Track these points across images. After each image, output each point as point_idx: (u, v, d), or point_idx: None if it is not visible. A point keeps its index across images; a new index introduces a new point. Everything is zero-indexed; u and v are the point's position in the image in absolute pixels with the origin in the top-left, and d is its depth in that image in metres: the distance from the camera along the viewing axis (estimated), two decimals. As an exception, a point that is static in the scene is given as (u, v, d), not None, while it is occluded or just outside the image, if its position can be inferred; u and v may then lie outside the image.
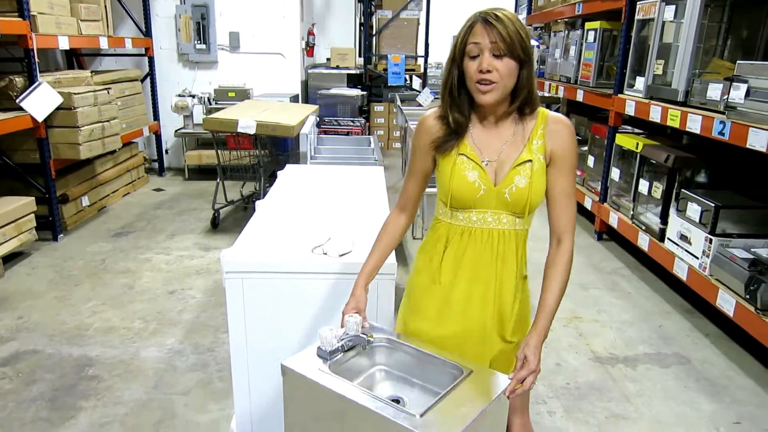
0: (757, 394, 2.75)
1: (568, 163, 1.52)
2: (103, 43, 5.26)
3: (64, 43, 4.58)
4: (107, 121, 4.81)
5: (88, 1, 5.12)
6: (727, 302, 2.98)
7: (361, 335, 1.56)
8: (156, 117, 6.63)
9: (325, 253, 2.15)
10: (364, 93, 7.42)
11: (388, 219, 1.79)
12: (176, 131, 6.41)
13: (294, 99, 6.60)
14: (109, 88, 4.99)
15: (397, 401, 1.41)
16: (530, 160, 1.50)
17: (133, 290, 3.68)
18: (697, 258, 3.28)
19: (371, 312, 2.09)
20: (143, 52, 6.43)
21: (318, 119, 5.34)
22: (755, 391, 2.78)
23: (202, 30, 6.55)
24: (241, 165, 5.07)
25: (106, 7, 5.42)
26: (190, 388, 2.67)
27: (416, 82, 7.91)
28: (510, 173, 1.51)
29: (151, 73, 6.52)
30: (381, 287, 2.09)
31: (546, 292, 1.53)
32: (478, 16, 1.44)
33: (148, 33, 6.38)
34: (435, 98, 6.81)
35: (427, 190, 1.74)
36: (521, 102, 1.50)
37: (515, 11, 11.50)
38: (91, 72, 5.41)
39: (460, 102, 1.53)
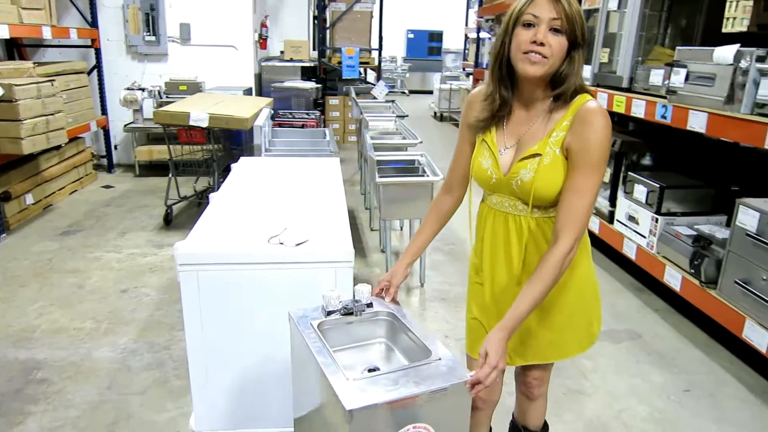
0: (705, 363, 2.87)
1: (583, 159, 1.38)
2: (46, 33, 5.05)
3: (3, 32, 4.37)
4: (51, 114, 4.63)
5: (30, -12, 4.91)
6: (673, 278, 3.09)
7: (361, 302, 1.58)
8: (104, 111, 6.43)
9: (282, 243, 2.13)
10: (319, 86, 7.37)
11: (434, 200, 1.77)
12: (125, 126, 6.22)
13: (247, 92, 6.50)
14: (53, 80, 4.79)
15: (373, 370, 1.47)
16: (539, 154, 1.42)
17: (82, 290, 3.57)
18: (645, 237, 3.39)
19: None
20: (89, 44, 6.20)
21: (272, 112, 5.27)
22: (702, 360, 2.90)
23: (151, 21, 6.37)
24: (194, 160, 4.96)
25: (48, -5, 5.21)
26: (146, 387, 2.61)
27: (371, 75, 7.90)
28: (516, 165, 1.47)
29: (98, 66, 6.30)
30: (339, 275, 2.09)
31: (523, 290, 1.42)
32: None
33: (94, 24, 6.17)
34: (390, 91, 6.83)
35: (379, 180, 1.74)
36: (563, 90, 1.40)
37: (468, 4, 11.60)
38: (34, 63, 5.19)
39: (507, 77, 1.46)
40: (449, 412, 1.31)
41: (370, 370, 1.45)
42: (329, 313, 1.58)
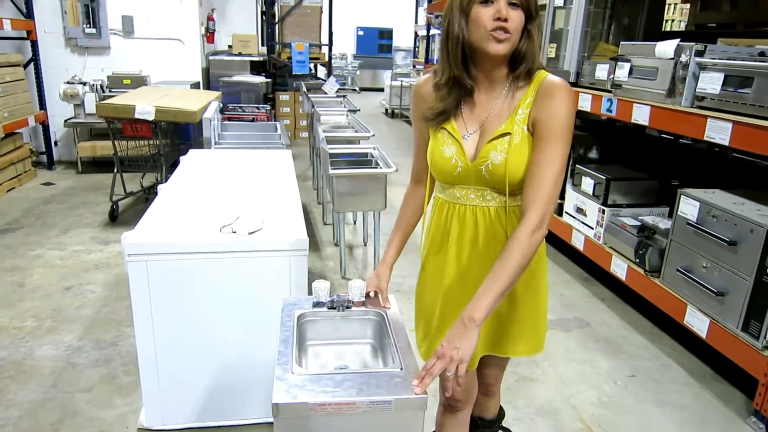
0: (649, 349, 2.98)
1: (548, 129, 1.31)
2: (-23, 24, 4.82)
3: (-70, 23, 4.15)
4: (-15, 108, 4.42)
5: (-43, -23, 4.66)
6: (619, 267, 3.20)
7: (346, 298, 1.54)
8: (42, 106, 6.16)
9: (234, 232, 2.09)
10: (269, 80, 7.28)
11: (406, 193, 1.68)
12: (66, 121, 5.98)
13: (195, 86, 6.35)
14: (-14, 73, 4.58)
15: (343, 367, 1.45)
16: (509, 133, 1.35)
17: (23, 288, 3.41)
18: (592, 228, 3.49)
19: (284, 285, 2.07)
20: (25, 36, 5.94)
21: (221, 105, 5.17)
22: (647, 346, 3.01)
23: (91, 13, 6.14)
24: (141, 155, 4.82)
25: (-21, -15, 4.96)
26: (93, 384, 2.51)
27: (321, 71, 7.85)
28: (485, 148, 1.37)
29: (35, 59, 6.03)
30: (293, 263, 2.07)
31: (491, 273, 1.29)
32: None
33: (29, 14, 5.90)
34: (340, 88, 6.81)
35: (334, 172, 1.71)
36: (527, 65, 1.34)
37: (417, 2, 11.69)
38: (-36, 56, 4.95)
39: (462, 59, 1.37)
40: (396, 428, 1.23)
41: (341, 367, 1.43)
42: (316, 305, 1.54)
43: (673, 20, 6.16)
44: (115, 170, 4.66)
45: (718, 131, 2.43)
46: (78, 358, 2.70)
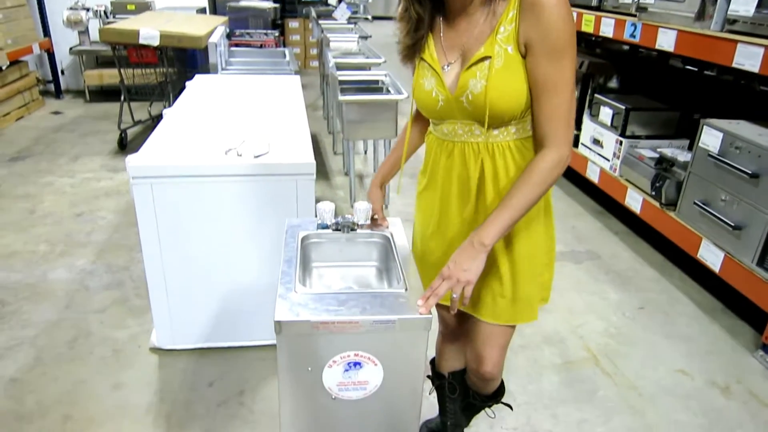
0: (659, 282, 2.96)
1: (547, 45, 1.13)
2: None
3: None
4: (-13, 33, 4.32)
5: None
6: (634, 200, 3.14)
7: (352, 220, 1.50)
8: (46, 33, 6.03)
9: (240, 155, 2.05)
10: (277, 6, 7.04)
11: (410, 119, 1.56)
12: (71, 49, 5.87)
13: (201, 12, 6.17)
14: (-13, -4, 4.45)
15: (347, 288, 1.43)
16: (488, 57, 1.18)
17: (34, 214, 3.42)
18: (608, 160, 3.41)
19: (290, 208, 2.05)
20: (25, -42, 5.75)
21: (228, 31, 5.03)
22: (657, 279, 2.99)
23: (93, -67, 5.91)
24: (148, 84, 4.73)
25: None
26: (106, 306, 2.55)
27: (332, -2, 7.58)
28: (463, 77, 1.21)
29: (37, -16, 5.87)
30: (300, 187, 2.04)
31: (507, 195, 1.21)
32: None
33: (29, -65, 5.70)
34: (352, 14, 6.57)
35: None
36: None
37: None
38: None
39: None
40: (400, 348, 1.22)
41: (347, 287, 1.42)
42: (321, 227, 1.51)
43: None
44: (122, 99, 4.60)
45: (748, 57, 2.30)
46: (91, 281, 2.74)
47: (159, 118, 4.85)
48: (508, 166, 1.29)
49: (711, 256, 2.61)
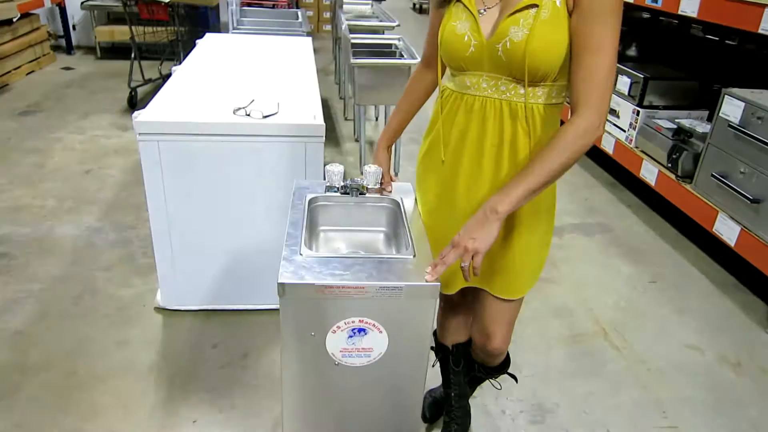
0: (671, 256, 2.92)
1: (595, 4, 1.07)
2: None
3: None
4: (-3, -16, 4.25)
5: None
6: (650, 172, 3.07)
7: (361, 184, 1.46)
8: (58, -14, 5.95)
9: (248, 115, 2.01)
10: (292, -34, 6.88)
11: (413, 75, 1.48)
12: (83, 3, 5.79)
13: (214, -30, 6.05)
14: (-3, -54, 4.37)
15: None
16: (535, 5, 1.10)
17: (44, 169, 3.41)
18: (624, 131, 3.33)
19: (299, 171, 2.01)
20: None
21: (241, -10, 4.92)
22: (670, 254, 2.94)
23: None
24: (158, 42, 4.66)
25: None
26: (112, 264, 2.55)
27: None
28: (505, 22, 1.13)
29: (48, -65, 5.75)
30: (309, 149, 2.00)
31: (531, 163, 1.14)
32: None
33: None
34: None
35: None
36: None
37: None
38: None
39: None
40: (406, 316, 1.19)
41: (354, 251, 1.39)
42: (329, 190, 1.47)
43: None
44: (133, 56, 4.53)
45: (777, 23, 2.21)
46: (97, 238, 2.73)
47: (169, 76, 4.82)
48: (530, 133, 1.21)
49: (727, 230, 2.55)
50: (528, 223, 1.31)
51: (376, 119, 4.63)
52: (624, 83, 3.30)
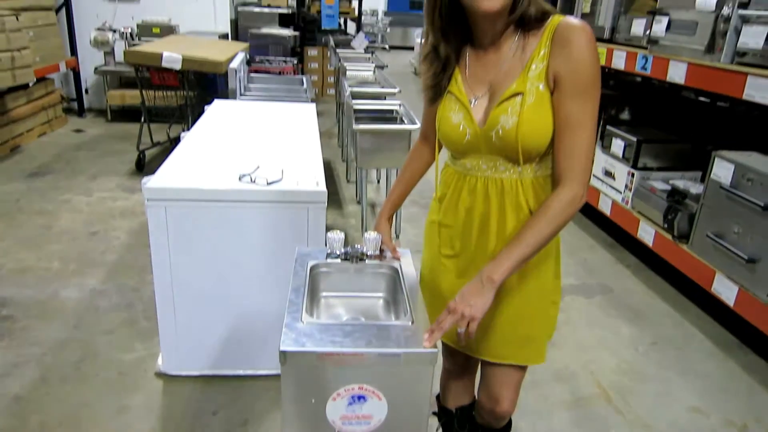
0: (672, 317, 2.92)
1: (575, 83, 1.15)
2: (11, -32, 4.81)
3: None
4: (17, 50, 4.44)
5: None
6: (647, 233, 3.11)
7: (361, 251, 1.50)
8: (73, 52, 6.18)
9: (254, 181, 2.07)
10: (297, 33, 7.16)
11: (413, 148, 1.57)
12: (96, 69, 6.00)
13: (223, 38, 6.29)
14: (19, 15, 4.57)
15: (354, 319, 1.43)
16: (521, 93, 1.19)
17: (50, 231, 3.47)
18: (620, 192, 3.40)
19: (301, 236, 2.06)
20: (57, -20, 5.93)
21: (248, 58, 5.12)
22: (670, 314, 2.95)
23: (123, -40, 6.08)
24: (168, 105, 4.81)
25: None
26: (114, 327, 2.56)
27: (351, 27, 7.70)
28: (495, 111, 1.22)
29: (67, 4, 6.01)
30: (311, 215, 2.05)
31: (522, 231, 1.21)
32: None
33: (62, -40, 5.88)
34: (370, 45, 6.66)
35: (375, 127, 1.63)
36: (522, 11, 1.18)
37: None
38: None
39: (449, 27, 1.25)
40: (405, 383, 1.20)
41: (354, 318, 1.41)
42: (330, 257, 1.51)
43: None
44: (143, 120, 4.68)
45: (759, 89, 2.30)
46: (101, 301, 2.76)
47: (177, 140, 4.94)
48: (529, 202, 1.28)
49: (725, 289, 2.57)
50: (525, 292, 1.35)
51: (378, 182, 4.72)
52: (618, 146, 3.39)
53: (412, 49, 13.02)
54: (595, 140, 1.21)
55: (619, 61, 3.28)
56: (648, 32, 3.05)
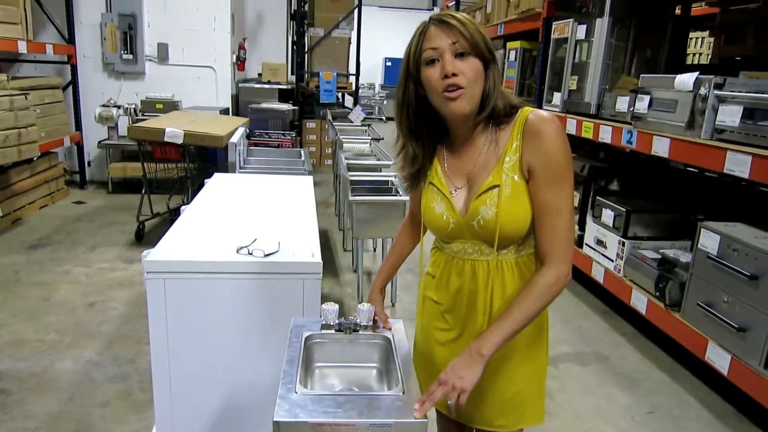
0: (668, 385, 2.92)
1: (548, 172, 1.24)
2: (22, 48, 5.04)
3: (-23, 46, 4.36)
4: (24, 127, 4.60)
5: (7, 2, 4.90)
6: (639, 301, 3.15)
7: (355, 322, 1.54)
8: (78, 127, 6.38)
9: (251, 254, 2.13)
10: (296, 108, 7.42)
11: (402, 225, 1.67)
12: (100, 143, 6.18)
13: (224, 112, 6.51)
14: (27, 94, 4.77)
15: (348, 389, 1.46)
16: (497, 186, 1.27)
17: (48, 302, 3.50)
18: (612, 261, 3.46)
19: (297, 307, 2.09)
20: (66, 60, 6.19)
21: (248, 131, 5.29)
22: (666, 382, 2.95)
23: (129, 40, 6.37)
24: (169, 177, 4.94)
25: (26, 10, 5.20)
26: (109, 400, 2.55)
27: (348, 101, 7.98)
28: (474, 203, 1.30)
29: (74, 82, 6.27)
30: (307, 286, 2.09)
31: (509, 308, 1.27)
32: (429, 21, 1.26)
33: (71, 40, 6.16)
34: (367, 117, 6.91)
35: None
36: (491, 110, 1.27)
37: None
38: (8, 77, 5.16)
39: (418, 127, 1.35)
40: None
41: (348, 388, 1.44)
42: (324, 327, 1.55)
43: (700, 54, 6.14)
44: (143, 191, 4.78)
45: (738, 164, 2.40)
46: (96, 372, 2.75)
47: (177, 210, 5.04)
48: (516, 281, 1.35)
49: (718, 358, 2.59)
50: (516, 365, 1.41)
51: (374, 250, 4.78)
52: (608, 216, 3.48)
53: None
54: (573, 220, 1.29)
55: (605, 136, 3.42)
56: (632, 109, 3.20)
